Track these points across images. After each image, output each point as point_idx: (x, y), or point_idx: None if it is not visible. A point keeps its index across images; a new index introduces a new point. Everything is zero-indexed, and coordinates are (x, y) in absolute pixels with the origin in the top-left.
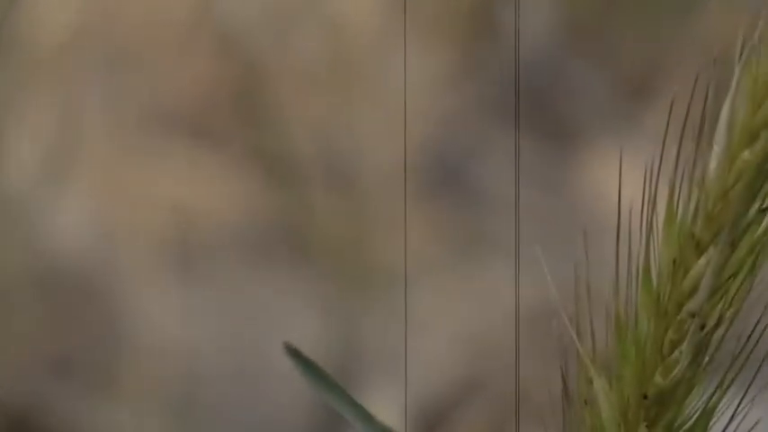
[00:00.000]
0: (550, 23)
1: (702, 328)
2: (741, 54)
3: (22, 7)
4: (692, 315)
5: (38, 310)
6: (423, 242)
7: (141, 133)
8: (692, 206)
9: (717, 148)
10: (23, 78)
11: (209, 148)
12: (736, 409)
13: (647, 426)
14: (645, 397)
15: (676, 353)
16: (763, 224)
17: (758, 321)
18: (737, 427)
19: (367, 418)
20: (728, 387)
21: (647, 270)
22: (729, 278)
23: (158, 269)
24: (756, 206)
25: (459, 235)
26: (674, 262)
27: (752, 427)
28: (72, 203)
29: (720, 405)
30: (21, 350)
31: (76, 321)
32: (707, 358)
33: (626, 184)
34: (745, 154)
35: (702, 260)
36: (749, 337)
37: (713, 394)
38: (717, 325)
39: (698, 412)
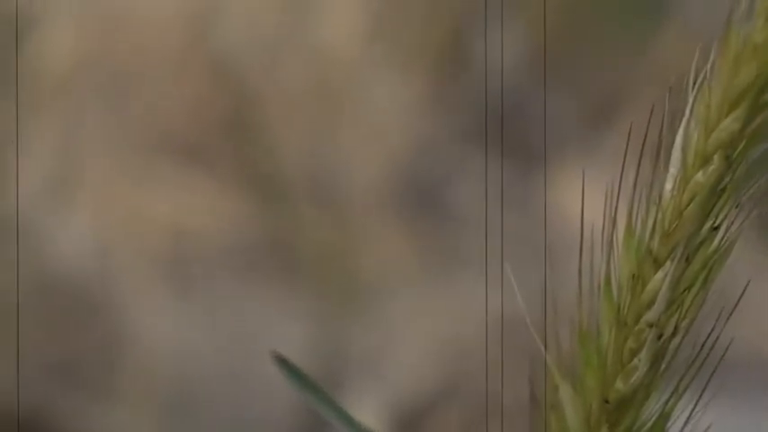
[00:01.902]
0: (518, 55)
1: (660, 337)
2: (694, 83)
3: (26, 40)
4: (650, 325)
5: (43, 321)
6: (401, 256)
7: (138, 156)
8: (649, 224)
9: (672, 171)
10: (28, 107)
11: (201, 169)
12: (690, 414)
13: (608, 428)
14: (606, 401)
15: (635, 360)
16: (716, 241)
17: (711, 331)
18: (692, 430)
19: (349, 420)
20: (684, 392)
21: (608, 283)
22: (684, 291)
23: (155, 282)
24: (709, 225)
25: (435, 250)
26: (633, 276)
27: (705, 431)
28: (74, 222)
29: (676, 409)
30: (28, 357)
31: (79, 330)
32: (664, 365)
33: (588, 203)
34: (699, 176)
35: (659, 274)
36: (703, 345)
37: (669, 399)
38: (673, 334)
39: (655, 416)
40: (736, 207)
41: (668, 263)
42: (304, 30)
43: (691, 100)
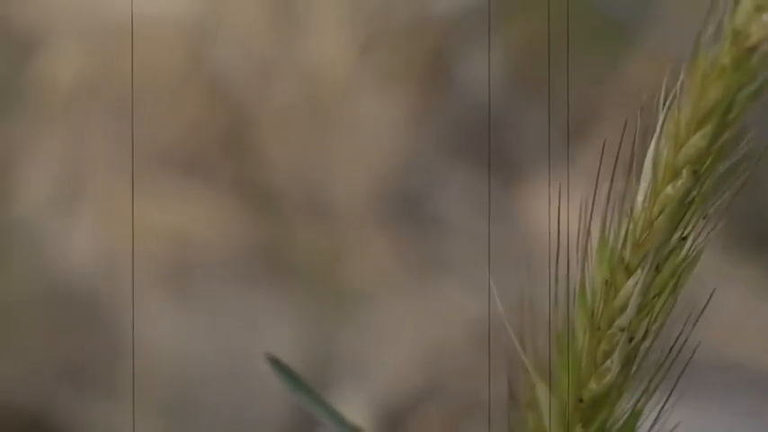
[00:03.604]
0: (498, 72)
1: (631, 340)
2: (665, 102)
3: (33, 59)
4: (622, 329)
5: (49, 324)
6: (388, 264)
7: (140, 169)
8: (621, 234)
9: (643, 184)
10: (37, 123)
11: (200, 182)
12: (659, 412)
13: (582, 426)
14: (580, 401)
15: (608, 362)
16: (684, 251)
17: (679, 335)
18: (661, 428)
19: (338, 418)
20: (653, 392)
21: (582, 290)
22: (654, 297)
23: (156, 288)
24: (678, 235)
25: (419, 257)
26: (606, 283)
27: (673, 429)
28: (80, 230)
29: (646, 408)
30: (34, 358)
31: (84, 333)
32: (635, 367)
33: (564, 214)
34: (668, 189)
35: (631, 281)
36: (671, 349)
37: (640, 399)
38: (643, 338)
39: (627, 414)
40: (704, 219)
41: (639, 271)
42: (295, 50)
43: (661, 117)
